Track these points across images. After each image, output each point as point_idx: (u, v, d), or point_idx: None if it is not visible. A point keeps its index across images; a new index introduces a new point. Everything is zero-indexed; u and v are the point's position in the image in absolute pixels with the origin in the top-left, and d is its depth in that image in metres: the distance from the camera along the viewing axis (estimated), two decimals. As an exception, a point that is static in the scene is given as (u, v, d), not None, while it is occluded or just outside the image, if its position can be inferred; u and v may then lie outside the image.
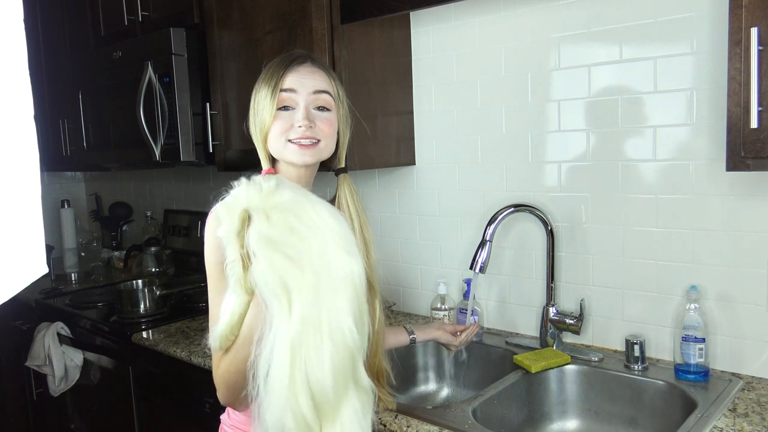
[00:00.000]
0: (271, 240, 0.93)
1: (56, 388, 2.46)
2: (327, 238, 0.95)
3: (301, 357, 0.91)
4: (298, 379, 0.91)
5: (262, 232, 0.94)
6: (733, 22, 1.16)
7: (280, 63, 1.20)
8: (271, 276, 0.92)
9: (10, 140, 0.55)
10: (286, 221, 0.95)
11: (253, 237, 0.94)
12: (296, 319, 0.92)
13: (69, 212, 3.31)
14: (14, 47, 0.55)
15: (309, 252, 0.93)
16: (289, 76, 1.18)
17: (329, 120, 1.20)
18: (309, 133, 1.16)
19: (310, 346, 0.92)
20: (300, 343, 0.91)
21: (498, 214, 1.66)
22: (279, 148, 1.18)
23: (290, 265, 0.93)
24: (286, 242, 0.93)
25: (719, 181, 1.49)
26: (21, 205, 0.56)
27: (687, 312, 1.48)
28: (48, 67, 2.93)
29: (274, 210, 0.95)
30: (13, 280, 0.56)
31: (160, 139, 2.18)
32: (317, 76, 1.20)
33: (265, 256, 0.93)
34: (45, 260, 0.60)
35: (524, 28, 1.77)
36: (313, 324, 0.92)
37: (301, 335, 0.91)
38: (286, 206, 0.96)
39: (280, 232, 0.94)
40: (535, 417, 1.60)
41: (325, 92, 1.20)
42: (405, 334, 1.56)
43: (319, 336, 0.92)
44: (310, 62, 1.21)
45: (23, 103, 0.56)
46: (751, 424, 1.26)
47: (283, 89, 1.17)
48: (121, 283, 2.46)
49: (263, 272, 0.93)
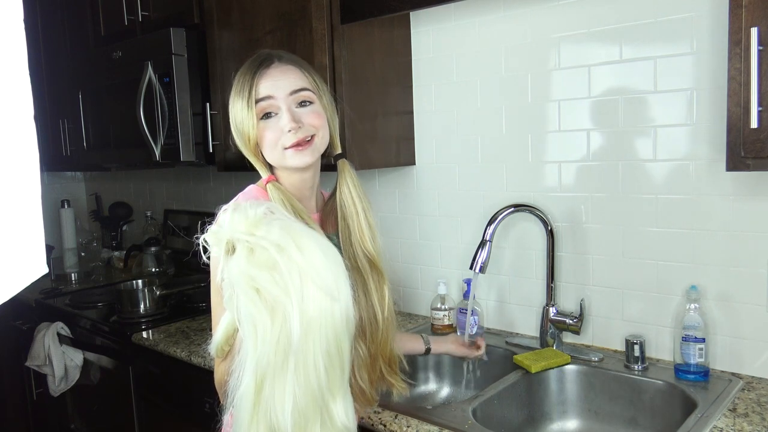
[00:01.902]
0: (249, 277, 0.93)
1: (56, 388, 2.46)
2: (306, 277, 0.94)
3: (264, 392, 0.93)
4: (261, 413, 0.93)
5: (241, 267, 0.93)
6: (733, 22, 1.16)
7: (248, 70, 1.16)
8: (243, 312, 0.93)
9: (10, 140, 0.55)
10: (269, 257, 0.93)
11: (233, 271, 0.94)
12: (261, 356, 0.92)
13: (69, 212, 3.31)
14: (14, 47, 0.55)
15: (287, 290, 0.93)
16: (262, 83, 1.14)
17: (316, 112, 1.17)
18: (301, 134, 1.14)
19: (274, 385, 0.93)
20: (264, 379, 0.92)
21: (498, 214, 1.66)
22: (277, 158, 1.16)
23: (262, 307, 0.92)
24: (264, 278, 0.93)
25: (719, 181, 1.49)
26: (21, 205, 0.56)
27: (687, 312, 1.48)
28: (48, 67, 2.93)
29: (258, 245, 0.94)
30: (13, 280, 0.56)
31: (160, 139, 2.18)
32: (290, 74, 1.16)
33: (241, 291, 0.93)
34: (45, 260, 0.60)
35: (524, 28, 1.77)
36: (276, 364, 0.92)
37: (266, 372, 0.92)
38: (272, 240, 0.94)
39: (260, 270, 0.93)
40: (535, 417, 1.60)
41: (303, 89, 1.16)
42: (421, 342, 1.56)
43: (284, 377, 0.92)
44: (278, 61, 1.17)
45: (23, 103, 0.56)
46: (751, 424, 1.26)
47: (259, 99, 1.13)
48: (121, 283, 2.46)
49: (238, 306, 0.94)
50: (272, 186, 1.17)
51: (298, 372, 0.93)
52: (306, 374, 0.93)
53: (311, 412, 0.94)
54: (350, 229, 1.22)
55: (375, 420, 1.38)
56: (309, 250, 0.95)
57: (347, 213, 1.22)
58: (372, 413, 1.39)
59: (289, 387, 0.92)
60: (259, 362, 0.92)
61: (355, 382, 1.16)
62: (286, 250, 0.94)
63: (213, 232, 0.98)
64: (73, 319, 2.45)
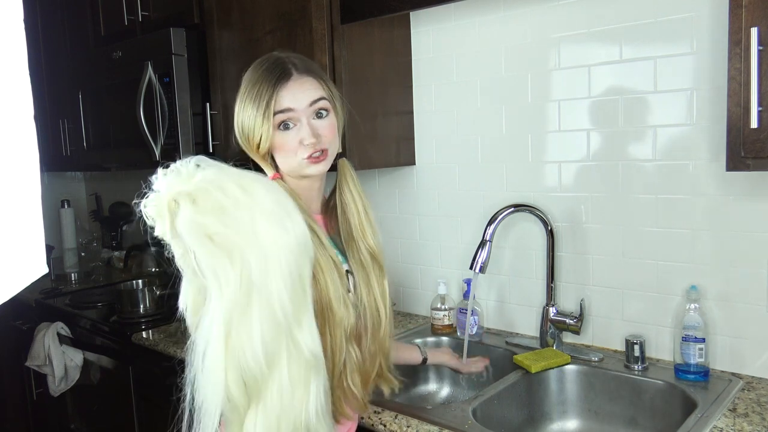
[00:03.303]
0: (199, 224, 0.92)
1: (56, 388, 2.46)
2: (255, 213, 0.94)
3: (232, 337, 0.92)
4: (230, 359, 0.92)
5: (189, 218, 0.92)
6: (733, 22, 1.16)
7: (266, 80, 1.15)
8: (203, 264, 0.92)
9: (10, 140, 0.55)
10: (214, 200, 0.93)
11: (183, 226, 0.92)
12: (227, 301, 0.92)
13: (69, 212, 3.31)
14: (14, 47, 0.55)
15: (238, 229, 0.92)
16: (282, 95, 1.14)
17: (331, 125, 1.19)
18: (318, 147, 1.15)
19: (240, 327, 0.92)
20: (231, 323, 0.92)
21: (498, 214, 1.66)
22: (294, 168, 1.17)
23: (219, 253, 0.92)
24: (214, 224, 0.92)
25: (719, 181, 1.49)
26: (21, 205, 0.56)
27: (687, 312, 1.48)
28: (48, 67, 2.93)
29: (198, 191, 0.93)
30: (13, 280, 0.56)
31: (160, 139, 2.18)
32: (308, 85, 1.16)
33: (195, 243, 0.92)
34: (45, 260, 0.60)
35: (524, 28, 1.77)
36: (242, 305, 0.92)
37: (232, 315, 0.92)
38: (212, 184, 0.94)
39: (207, 214, 0.92)
40: (535, 417, 1.60)
41: (321, 99, 1.17)
42: (418, 353, 1.57)
43: (249, 317, 0.92)
44: (296, 73, 1.16)
45: (23, 103, 0.56)
46: (751, 424, 1.26)
47: (278, 111, 1.14)
48: (121, 283, 2.46)
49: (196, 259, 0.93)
50: (277, 184, 1.18)
51: (262, 306, 0.93)
52: (270, 308, 0.93)
53: (278, 342, 0.94)
54: (351, 225, 1.24)
55: (375, 420, 1.38)
56: (250, 186, 0.96)
57: (348, 210, 1.24)
58: (372, 413, 1.39)
59: (255, 323, 0.92)
60: (225, 308, 0.92)
61: (347, 386, 1.16)
62: (229, 191, 0.94)
63: (152, 200, 0.95)
64: (73, 319, 2.45)
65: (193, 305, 1.00)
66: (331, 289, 1.11)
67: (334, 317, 1.11)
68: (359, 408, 1.21)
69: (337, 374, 1.14)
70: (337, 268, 1.14)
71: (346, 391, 1.16)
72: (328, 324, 1.10)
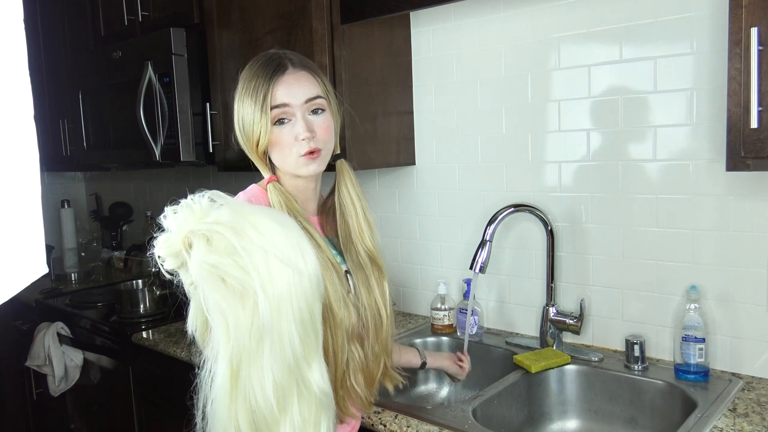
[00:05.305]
0: (211, 266, 0.91)
1: (56, 388, 2.46)
2: (270, 255, 0.92)
3: (242, 378, 0.91)
4: (240, 398, 0.91)
5: (202, 258, 0.91)
6: (733, 22, 1.16)
7: (261, 74, 1.15)
8: (210, 303, 0.91)
9: (10, 140, 0.55)
10: (227, 242, 0.91)
11: (195, 266, 0.91)
12: (235, 343, 0.91)
13: (69, 212, 3.31)
14: (14, 47, 0.55)
15: (251, 272, 0.91)
16: (278, 89, 1.14)
17: (326, 123, 1.18)
18: (313, 144, 1.15)
19: (251, 368, 0.91)
20: (240, 364, 0.91)
21: (498, 214, 1.66)
22: (290, 164, 1.17)
23: (230, 295, 0.91)
24: (227, 265, 0.91)
25: (719, 181, 1.49)
26: (21, 205, 0.56)
27: (687, 312, 1.48)
28: (48, 67, 2.93)
29: (214, 231, 0.92)
30: (13, 280, 0.56)
31: (160, 139, 2.18)
32: (304, 81, 1.16)
33: (206, 283, 0.91)
34: (45, 260, 0.60)
35: (524, 28, 1.77)
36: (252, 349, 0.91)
37: (241, 358, 0.91)
38: (226, 225, 0.92)
39: (220, 256, 0.91)
40: (535, 417, 1.60)
41: (317, 97, 1.17)
42: (418, 356, 1.56)
43: (260, 358, 0.91)
44: (292, 66, 1.16)
45: (23, 103, 0.56)
46: (751, 424, 1.26)
47: (275, 105, 1.14)
48: (121, 283, 2.46)
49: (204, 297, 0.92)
50: (272, 186, 1.18)
51: (273, 350, 0.91)
52: (282, 349, 0.92)
53: (289, 385, 0.93)
54: (350, 227, 1.23)
55: (375, 420, 1.38)
56: (265, 226, 0.94)
57: (346, 212, 1.24)
58: (372, 413, 1.39)
59: (266, 366, 0.91)
60: (234, 350, 0.91)
61: (351, 385, 1.16)
62: (243, 231, 0.92)
63: (164, 242, 0.93)
64: (73, 319, 2.45)
65: (201, 327, 1.00)
66: (330, 291, 1.10)
67: (335, 318, 1.11)
68: (363, 407, 1.21)
69: (340, 374, 1.14)
70: (335, 269, 1.14)
71: (350, 390, 1.16)
72: (329, 325, 1.10)
